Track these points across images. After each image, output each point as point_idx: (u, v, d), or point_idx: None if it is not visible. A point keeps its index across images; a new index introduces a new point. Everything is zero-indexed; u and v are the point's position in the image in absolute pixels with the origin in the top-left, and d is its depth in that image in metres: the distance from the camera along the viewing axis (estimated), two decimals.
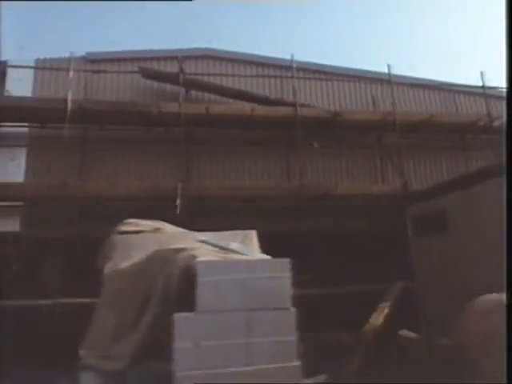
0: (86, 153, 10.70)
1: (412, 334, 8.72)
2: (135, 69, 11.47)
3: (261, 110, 10.27)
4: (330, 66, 12.37)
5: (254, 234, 6.64)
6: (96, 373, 4.55)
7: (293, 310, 4.40)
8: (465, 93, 13.47)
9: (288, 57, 11.80)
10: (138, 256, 5.81)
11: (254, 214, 9.58)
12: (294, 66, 10.92)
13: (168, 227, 6.96)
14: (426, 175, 11.66)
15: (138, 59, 11.77)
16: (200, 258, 4.93)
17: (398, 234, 9.29)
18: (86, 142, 10.61)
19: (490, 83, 12.13)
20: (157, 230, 6.80)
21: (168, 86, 11.71)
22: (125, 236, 6.40)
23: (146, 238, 6.29)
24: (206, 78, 11.60)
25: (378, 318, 8.58)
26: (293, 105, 10.91)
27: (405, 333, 8.73)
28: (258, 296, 4.33)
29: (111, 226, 10.06)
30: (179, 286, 4.86)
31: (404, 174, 10.54)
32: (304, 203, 9.84)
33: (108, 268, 5.67)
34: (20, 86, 11.11)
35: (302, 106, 11.03)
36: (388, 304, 9.04)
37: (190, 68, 11.81)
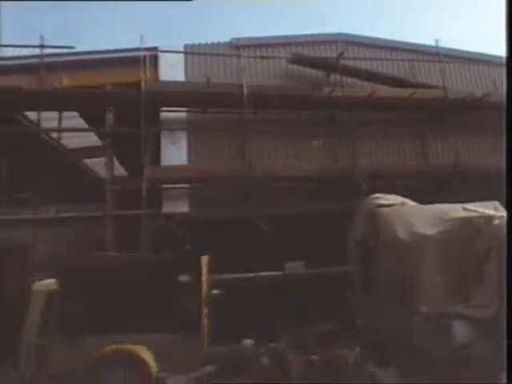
0: (243, 135, 11.12)
1: None
2: (276, 54, 11.93)
3: (418, 92, 10.83)
4: (452, 50, 12.93)
5: (498, 204, 7.31)
6: (465, 321, 5.21)
7: None
8: None
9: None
10: (422, 224, 6.46)
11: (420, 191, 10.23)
12: (441, 51, 11.53)
13: (408, 201, 7.59)
14: None
15: (278, 45, 12.20)
16: None
17: None
18: (249, 125, 10.97)
19: None
20: (403, 203, 7.43)
21: (307, 71, 12.19)
22: (390, 208, 6.99)
23: (419, 210, 6.94)
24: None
25: None
26: (433, 88, 11.56)
27: None
28: None
29: (276, 206, 10.77)
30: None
31: None
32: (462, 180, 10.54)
33: (405, 234, 6.29)
34: (172, 72, 11.47)
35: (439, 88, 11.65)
36: None
37: (326, 53, 12.32)
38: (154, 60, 11.48)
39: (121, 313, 5.99)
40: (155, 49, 11.55)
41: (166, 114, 11.17)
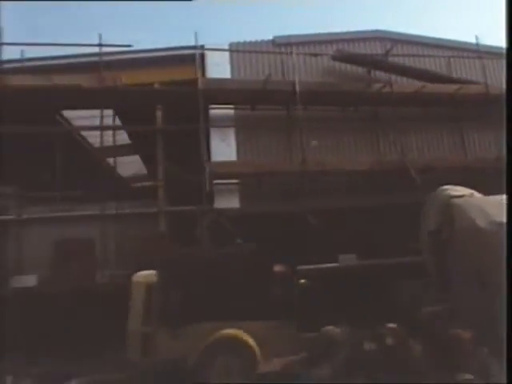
0: (292, 132, 11.32)
1: None
2: (317, 51, 12.16)
3: (464, 88, 11.12)
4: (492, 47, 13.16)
5: None
6: None
7: None
8: None
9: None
10: (499, 213, 6.70)
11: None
12: (482, 49, 11.82)
13: (475, 192, 7.87)
14: None
15: (319, 42, 12.43)
16: None
17: None
18: (298, 121, 11.13)
19: None
20: (471, 194, 7.71)
21: (348, 67, 12.43)
22: (463, 199, 7.26)
23: (491, 200, 7.19)
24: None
25: None
26: (474, 84, 11.86)
27: None
28: None
29: (327, 200, 10.98)
30: None
31: None
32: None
33: (485, 223, 6.56)
34: (218, 69, 11.66)
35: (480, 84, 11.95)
36: None
37: (366, 50, 12.59)
38: (201, 58, 11.72)
39: (219, 303, 6.22)
40: (201, 47, 11.76)
41: (215, 110, 11.40)
